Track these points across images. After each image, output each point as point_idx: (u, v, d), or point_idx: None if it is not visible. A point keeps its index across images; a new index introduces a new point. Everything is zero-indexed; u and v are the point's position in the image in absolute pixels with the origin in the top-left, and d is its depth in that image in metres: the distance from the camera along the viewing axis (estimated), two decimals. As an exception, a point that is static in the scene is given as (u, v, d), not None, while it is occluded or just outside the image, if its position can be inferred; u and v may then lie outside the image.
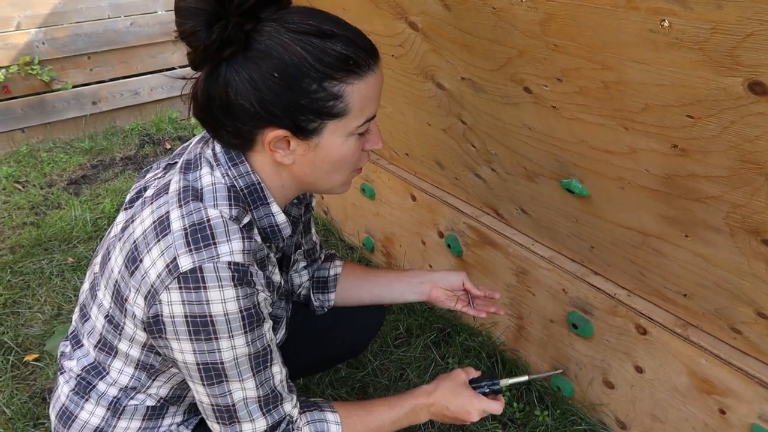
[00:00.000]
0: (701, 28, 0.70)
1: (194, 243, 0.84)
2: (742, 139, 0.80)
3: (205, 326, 0.85)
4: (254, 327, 0.89)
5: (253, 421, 0.94)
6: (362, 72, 0.86)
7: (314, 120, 0.86)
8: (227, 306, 0.84)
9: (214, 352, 0.87)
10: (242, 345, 0.88)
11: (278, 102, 0.83)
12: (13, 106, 3.20)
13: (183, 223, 0.86)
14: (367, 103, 0.89)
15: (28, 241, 2.43)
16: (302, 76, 0.82)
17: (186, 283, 0.83)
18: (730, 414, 1.26)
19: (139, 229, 0.90)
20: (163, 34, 3.61)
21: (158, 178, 1.00)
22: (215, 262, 0.83)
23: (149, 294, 0.86)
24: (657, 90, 0.84)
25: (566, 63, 0.93)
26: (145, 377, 1.00)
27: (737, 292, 1.11)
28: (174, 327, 0.85)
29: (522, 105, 1.14)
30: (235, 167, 0.91)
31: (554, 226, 1.48)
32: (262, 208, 0.93)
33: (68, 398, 1.03)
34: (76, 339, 1.07)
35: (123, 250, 0.92)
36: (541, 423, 1.61)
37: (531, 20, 0.90)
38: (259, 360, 0.92)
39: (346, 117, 0.87)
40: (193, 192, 0.89)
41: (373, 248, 2.27)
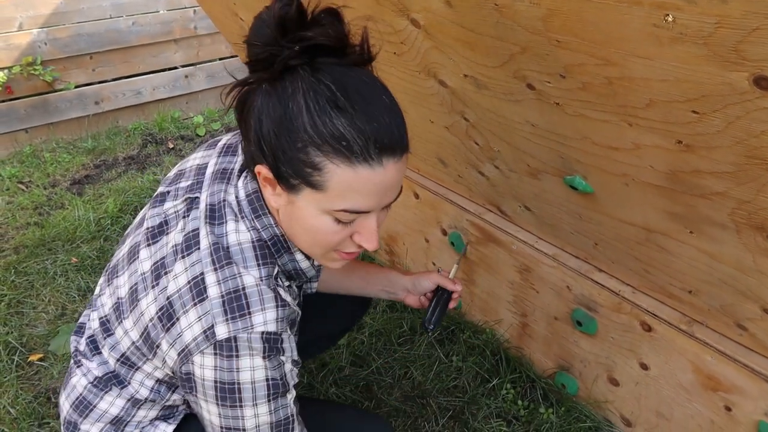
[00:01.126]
0: (706, 22, 0.69)
1: (230, 312, 0.87)
2: (748, 134, 0.79)
3: (231, 393, 0.88)
4: (278, 396, 0.91)
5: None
6: (353, 159, 0.78)
7: (294, 177, 0.82)
8: (255, 374, 0.87)
9: (238, 419, 0.90)
10: (265, 413, 0.90)
11: (269, 143, 0.82)
12: (16, 106, 3.20)
13: (220, 290, 0.88)
14: (350, 194, 0.80)
15: (31, 241, 2.44)
16: (295, 131, 0.79)
17: (220, 350, 0.86)
18: (736, 411, 1.26)
19: (173, 285, 0.91)
20: (165, 33, 3.61)
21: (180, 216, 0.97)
22: (249, 333, 0.86)
23: (183, 352, 0.89)
24: (661, 85, 0.83)
25: (569, 59, 0.92)
26: (165, 389, 1.02)
27: (743, 288, 1.10)
28: (204, 389, 0.89)
29: (525, 102, 1.13)
30: (259, 219, 0.92)
31: (558, 223, 1.47)
32: (286, 256, 0.96)
33: (86, 389, 1.04)
34: (94, 344, 1.06)
35: (157, 301, 0.92)
36: (546, 420, 1.60)
37: (533, 16, 0.90)
38: (281, 429, 0.94)
39: (322, 193, 0.81)
40: (223, 252, 0.90)
41: (377, 246, 2.27)
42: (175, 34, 3.65)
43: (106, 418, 1.03)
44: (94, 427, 1.03)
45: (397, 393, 1.73)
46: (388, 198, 0.84)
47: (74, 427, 1.05)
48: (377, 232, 0.87)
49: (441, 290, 1.30)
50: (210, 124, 3.68)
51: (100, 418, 1.03)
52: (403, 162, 0.83)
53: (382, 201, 0.84)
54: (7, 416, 1.65)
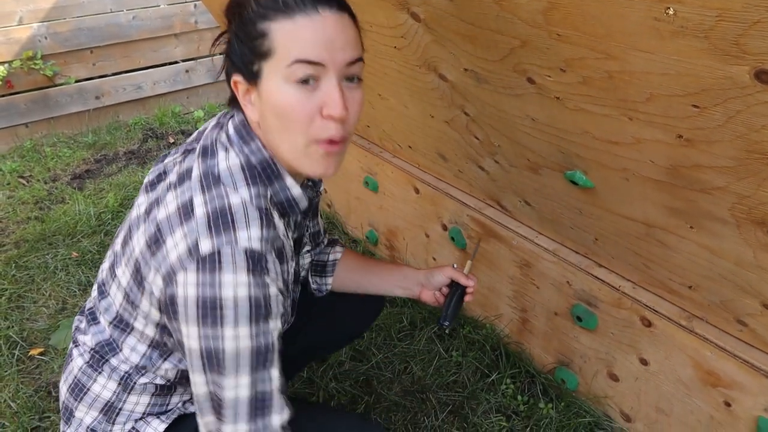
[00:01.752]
0: (706, 15, 0.69)
1: (215, 228, 0.87)
2: (748, 128, 0.79)
3: (213, 309, 0.86)
4: (260, 320, 0.89)
5: (236, 424, 0.91)
6: (290, 11, 0.85)
7: (254, 61, 0.89)
8: (238, 291, 0.85)
9: (218, 339, 0.87)
10: (245, 336, 0.88)
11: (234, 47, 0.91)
12: (16, 101, 3.20)
13: (206, 209, 0.89)
14: (296, 43, 0.85)
15: (32, 235, 2.44)
16: (246, 19, 0.88)
17: (203, 264, 0.85)
18: (736, 406, 1.26)
19: (163, 212, 0.93)
20: (165, 27, 3.60)
21: (178, 162, 1.03)
22: (233, 246, 0.86)
23: (168, 275, 0.89)
24: (662, 79, 0.83)
25: (570, 53, 0.92)
26: (157, 356, 1.01)
27: (743, 283, 1.10)
28: (185, 309, 0.87)
29: (525, 96, 1.13)
30: (247, 145, 0.95)
31: (558, 218, 1.47)
32: (277, 183, 0.97)
33: (81, 370, 1.05)
34: (92, 315, 1.09)
35: (146, 232, 0.95)
36: (546, 415, 1.60)
37: (533, 10, 0.89)
38: (260, 357, 0.91)
39: (275, 58, 0.86)
40: (213, 177, 0.93)
41: (377, 241, 2.26)
42: (176, 28, 3.64)
43: (98, 404, 1.03)
44: (87, 416, 1.04)
45: (397, 388, 1.73)
46: (339, 53, 0.87)
47: (70, 414, 1.06)
48: (340, 96, 0.87)
49: (455, 286, 1.29)
50: (211, 118, 3.67)
51: (93, 404, 1.04)
52: (345, 19, 0.89)
53: (331, 53, 0.86)
54: (7, 410, 1.65)
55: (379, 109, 1.78)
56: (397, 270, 1.35)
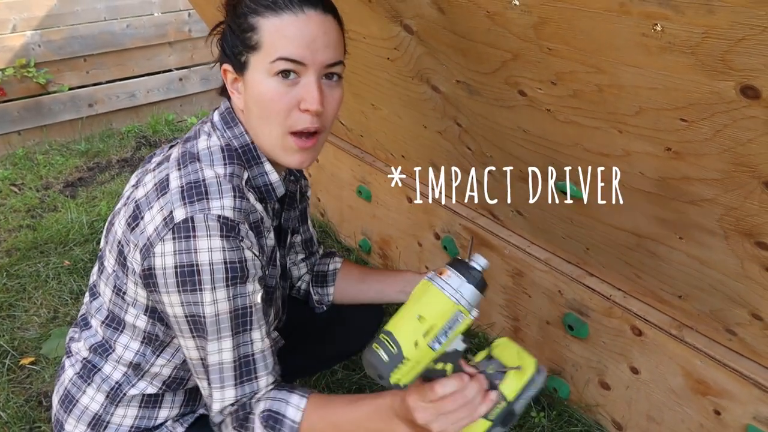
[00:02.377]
0: (693, 32, 0.70)
1: (188, 198, 0.90)
2: (735, 142, 0.81)
3: (191, 276, 0.88)
4: (237, 282, 0.91)
5: (223, 389, 0.94)
6: (278, 9, 0.90)
7: (242, 52, 0.94)
8: (213, 255, 0.88)
9: (198, 305, 0.89)
10: (223, 299, 0.90)
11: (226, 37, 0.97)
12: (9, 108, 3.19)
13: (181, 182, 0.92)
14: (280, 40, 0.90)
15: (24, 244, 2.43)
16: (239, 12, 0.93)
17: (178, 233, 0.88)
18: (725, 415, 1.27)
19: (141, 191, 0.97)
20: (159, 36, 3.61)
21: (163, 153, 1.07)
22: (206, 213, 0.89)
23: (145, 247, 0.91)
24: (650, 93, 0.84)
25: (560, 66, 0.93)
26: (150, 352, 1.02)
27: (732, 293, 1.11)
28: (165, 279, 0.89)
29: (517, 108, 1.14)
30: (230, 129, 0.99)
31: (550, 228, 1.48)
32: (256, 168, 1.00)
33: (71, 382, 1.06)
34: (84, 320, 1.10)
35: (126, 213, 0.98)
36: (538, 424, 1.61)
37: (525, 24, 0.91)
38: (239, 321, 0.93)
39: (261, 51, 0.91)
40: (190, 155, 0.96)
41: (370, 250, 2.27)
42: (170, 36, 3.65)
43: (86, 417, 1.03)
44: (76, 429, 1.04)
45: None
46: (320, 53, 0.92)
47: (60, 427, 1.06)
48: (318, 92, 0.92)
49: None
50: (204, 126, 3.67)
51: (81, 417, 1.04)
52: (329, 21, 0.93)
53: (315, 54, 0.91)
54: (-2, 420, 1.65)
55: (372, 119, 1.80)
56: (399, 275, 1.35)
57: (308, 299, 1.37)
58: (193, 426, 1.09)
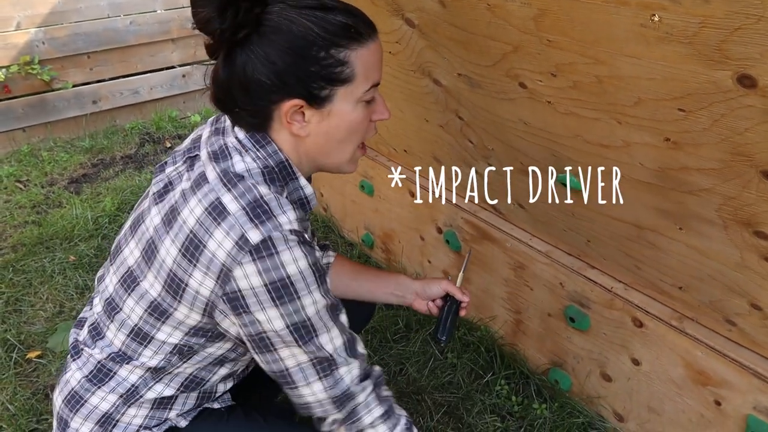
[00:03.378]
0: (690, 22, 0.71)
1: (257, 218, 0.90)
2: (733, 131, 0.81)
3: (285, 288, 0.90)
4: (323, 280, 0.95)
5: (348, 364, 1.00)
6: (363, 39, 0.93)
7: (325, 87, 0.93)
8: (300, 264, 0.90)
9: (299, 311, 0.92)
10: (320, 297, 0.94)
11: (291, 72, 0.91)
12: (13, 105, 3.21)
13: (239, 203, 0.92)
14: (371, 69, 0.95)
15: (29, 239, 2.45)
16: (310, 45, 0.90)
17: (259, 253, 0.88)
18: (726, 405, 1.28)
19: (191, 218, 0.93)
20: (162, 32, 3.62)
21: (185, 171, 1.03)
22: (281, 230, 0.90)
23: (221, 273, 0.90)
24: (649, 84, 0.85)
25: (560, 58, 0.94)
26: (177, 359, 1.02)
27: (731, 284, 1.12)
28: (257, 298, 0.90)
29: (517, 100, 1.15)
30: (263, 149, 0.98)
31: (551, 220, 1.49)
32: (291, 183, 1.01)
33: (79, 384, 1.04)
34: (96, 330, 1.08)
35: (176, 242, 0.94)
36: (540, 416, 1.62)
37: (524, 16, 0.92)
38: (333, 309, 0.98)
39: (353, 83, 0.94)
40: (234, 175, 0.95)
41: (373, 244, 2.28)
42: (173, 33, 3.66)
43: (95, 416, 1.03)
44: (83, 427, 1.03)
45: (393, 389, 1.74)
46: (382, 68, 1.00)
47: (65, 425, 1.05)
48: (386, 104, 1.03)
49: (450, 300, 1.28)
50: (207, 123, 3.68)
51: (90, 415, 1.03)
52: None
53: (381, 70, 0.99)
54: (5, 413, 1.66)
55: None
56: (392, 277, 1.36)
57: None
58: (197, 418, 1.10)
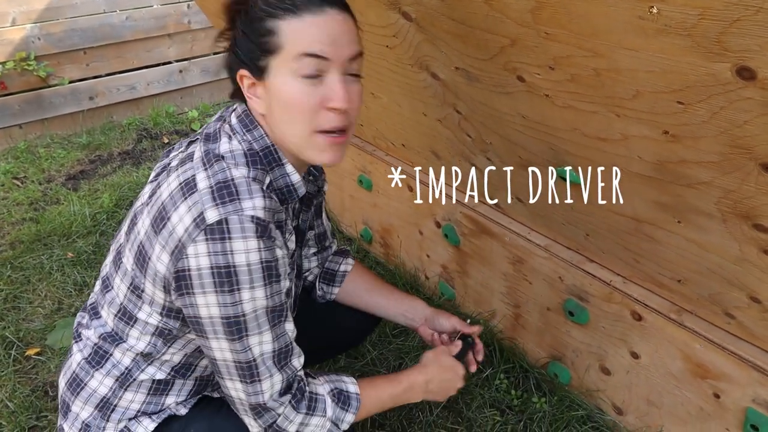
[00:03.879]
0: (689, 14, 0.71)
1: (220, 198, 0.90)
2: (731, 124, 0.81)
3: (228, 277, 0.89)
4: (272, 281, 0.94)
5: (272, 377, 0.99)
6: (298, 11, 0.90)
7: (260, 57, 0.93)
8: (250, 256, 0.89)
9: (236, 305, 0.91)
10: (262, 297, 0.93)
11: (241, 43, 0.95)
12: (9, 102, 3.20)
13: (209, 182, 0.92)
14: (302, 40, 0.90)
15: (27, 236, 2.44)
16: (253, 17, 0.92)
17: (212, 234, 0.88)
18: (725, 398, 1.28)
19: (166, 192, 0.96)
20: (158, 28, 3.60)
21: (181, 152, 1.07)
22: (240, 214, 0.89)
23: (176, 248, 0.91)
24: (647, 76, 0.85)
25: (558, 51, 0.94)
26: (161, 344, 1.03)
27: (730, 277, 1.12)
28: (200, 280, 0.90)
29: (515, 94, 1.15)
30: (250, 132, 0.99)
31: (549, 214, 1.49)
32: (277, 169, 1.00)
33: (80, 366, 1.07)
34: (94, 310, 1.11)
35: (150, 213, 0.97)
36: (539, 410, 1.62)
37: (522, 9, 0.91)
38: (275, 314, 0.96)
39: (282, 54, 0.91)
40: (214, 155, 0.97)
41: (371, 239, 2.28)
42: (169, 28, 3.65)
43: (94, 399, 1.05)
44: (83, 411, 1.06)
45: (392, 383, 1.75)
46: (342, 50, 0.92)
47: (67, 408, 1.08)
48: (344, 89, 0.93)
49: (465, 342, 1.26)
50: (205, 118, 3.68)
51: (89, 399, 1.05)
52: (348, 18, 0.94)
53: (335, 49, 0.91)
54: (5, 410, 1.66)
55: (372, 107, 1.80)
56: (406, 299, 1.36)
57: (311, 290, 1.39)
58: (196, 407, 1.11)
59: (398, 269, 2.15)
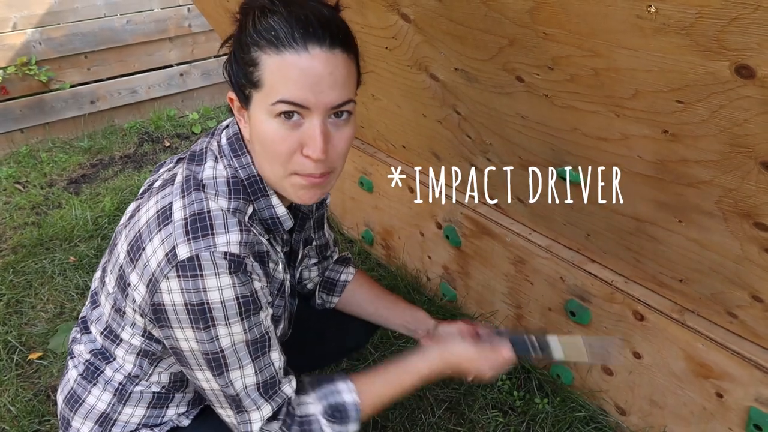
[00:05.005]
0: (687, 12, 0.70)
1: (193, 233, 0.87)
2: (731, 122, 0.81)
3: (203, 314, 0.87)
4: (250, 314, 0.91)
5: (260, 409, 0.96)
6: (281, 47, 0.82)
7: (246, 86, 0.88)
8: (224, 293, 0.87)
9: (213, 341, 0.89)
10: (239, 332, 0.90)
11: (232, 64, 0.90)
12: (11, 106, 3.20)
13: (184, 213, 0.89)
14: (282, 82, 0.83)
15: (29, 240, 2.45)
16: (242, 41, 0.87)
17: (184, 271, 0.85)
18: (727, 397, 1.27)
19: (144, 218, 0.93)
20: (159, 31, 3.61)
21: (169, 170, 1.04)
22: (212, 251, 0.86)
23: (150, 282, 0.89)
24: (646, 76, 0.84)
25: (556, 51, 0.94)
26: (147, 364, 1.02)
27: (732, 276, 1.12)
28: (176, 315, 0.88)
29: (515, 94, 1.14)
30: (237, 158, 0.95)
31: (551, 214, 1.48)
32: (262, 200, 0.96)
33: (76, 382, 1.06)
34: (84, 324, 1.10)
35: (128, 238, 0.95)
36: (541, 411, 1.62)
37: (520, 9, 0.91)
38: (257, 346, 0.94)
39: (262, 90, 0.85)
40: (194, 182, 0.92)
41: (373, 241, 2.28)
42: (170, 32, 3.65)
43: (93, 415, 1.04)
44: (83, 426, 1.04)
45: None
46: (324, 95, 0.83)
47: (67, 424, 1.06)
48: (321, 139, 0.85)
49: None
50: (206, 121, 3.68)
51: (88, 415, 1.04)
52: (337, 57, 0.84)
53: (318, 97, 0.83)
54: (7, 414, 1.66)
55: (372, 109, 1.80)
56: (408, 310, 1.33)
57: (310, 298, 1.37)
58: (198, 418, 1.10)
59: (400, 271, 2.15)
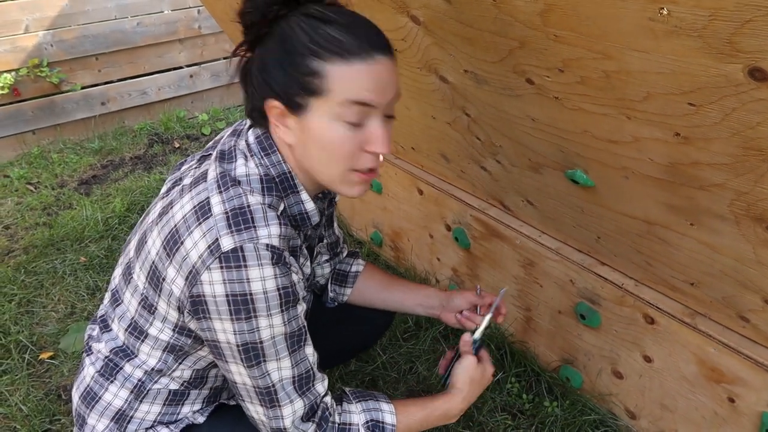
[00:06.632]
0: (700, 15, 0.70)
1: (235, 225, 0.89)
2: (744, 125, 0.80)
3: (245, 305, 0.89)
4: (290, 306, 0.93)
5: (292, 403, 0.98)
6: (348, 56, 0.87)
7: (301, 94, 0.90)
8: (266, 284, 0.89)
9: (253, 332, 0.91)
10: (279, 324, 0.92)
11: (275, 73, 0.91)
12: (23, 108, 3.23)
13: (224, 207, 0.91)
14: (351, 88, 0.88)
15: (40, 241, 2.46)
16: (294, 51, 0.89)
17: (227, 262, 0.87)
18: (739, 402, 1.26)
19: (179, 214, 0.95)
20: (169, 33, 3.63)
21: (194, 168, 1.05)
22: (255, 242, 0.88)
23: (190, 274, 0.90)
24: (658, 78, 0.84)
25: (567, 53, 0.93)
26: (172, 360, 1.03)
27: (744, 279, 1.11)
28: (216, 306, 0.89)
29: (525, 96, 1.14)
30: (268, 157, 0.97)
31: (560, 217, 1.48)
32: (292, 196, 0.99)
33: (93, 379, 1.07)
34: (104, 323, 1.11)
35: (161, 234, 0.96)
36: (551, 414, 1.61)
37: (531, 11, 0.90)
38: (294, 340, 0.96)
39: (327, 96, 0.89)
40: (230, 178, 0.95)
41: (381, 243, 2.28)
42: (180, 34, 3.67)
43: (110, 412, 1.05)
44: (99, 423, 1.05)
45: (403, 387, 1.74)
46: (387, 94, 0.91)
47: (83, 421, 1.07)
48: (386, 137, 0.93)
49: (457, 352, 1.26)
50: (215, 122, 3.70)
51: (105, 412, 1.05)
52: (393, 62, 0.92)
53: (382, 96, 0.91)
54: (18, 413, 1.67)
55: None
56: (420, 289, 1.36)
57: (323, 293, 1.38)
58: (213, 415, 1.11)
59: (408, 273, 2.15)
